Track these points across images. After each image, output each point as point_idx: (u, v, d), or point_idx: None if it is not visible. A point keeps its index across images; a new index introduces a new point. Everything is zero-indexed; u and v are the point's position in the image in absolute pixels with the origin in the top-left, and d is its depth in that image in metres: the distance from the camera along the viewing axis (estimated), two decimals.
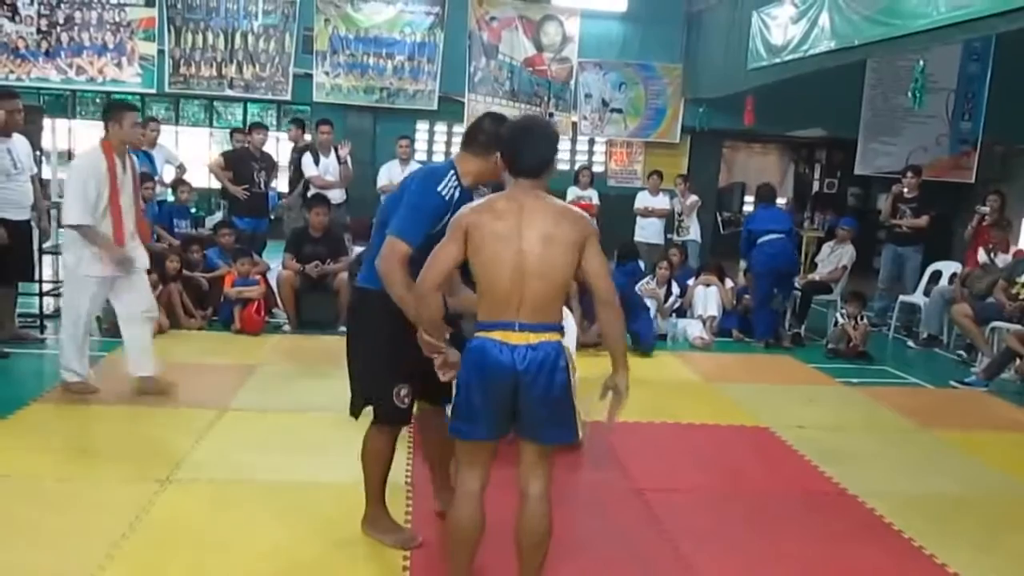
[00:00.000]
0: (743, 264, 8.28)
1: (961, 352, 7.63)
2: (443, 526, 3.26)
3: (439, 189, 3.06)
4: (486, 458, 2.83)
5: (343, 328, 4.65)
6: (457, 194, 3.09)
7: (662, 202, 10.07)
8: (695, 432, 5.16)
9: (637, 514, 3.89)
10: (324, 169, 8.08)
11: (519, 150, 2.76)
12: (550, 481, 2.83)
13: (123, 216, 4.87)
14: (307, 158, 8.11)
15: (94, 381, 5.10)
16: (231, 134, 8.74)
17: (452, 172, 3.13)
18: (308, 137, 8.93)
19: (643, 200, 10.07)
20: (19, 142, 5.87)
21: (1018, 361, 6.50)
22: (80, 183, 4.75)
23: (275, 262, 7.96)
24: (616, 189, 12.32)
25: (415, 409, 3.37)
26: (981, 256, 8.06)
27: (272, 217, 8.84)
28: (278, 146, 12.07)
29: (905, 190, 8.68)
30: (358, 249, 7.65)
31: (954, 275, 8.26)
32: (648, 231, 9.89)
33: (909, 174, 8.78)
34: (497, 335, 2.67)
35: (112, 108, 5.01)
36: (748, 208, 14.51)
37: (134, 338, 5.09)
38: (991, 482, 4.59)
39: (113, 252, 4.83)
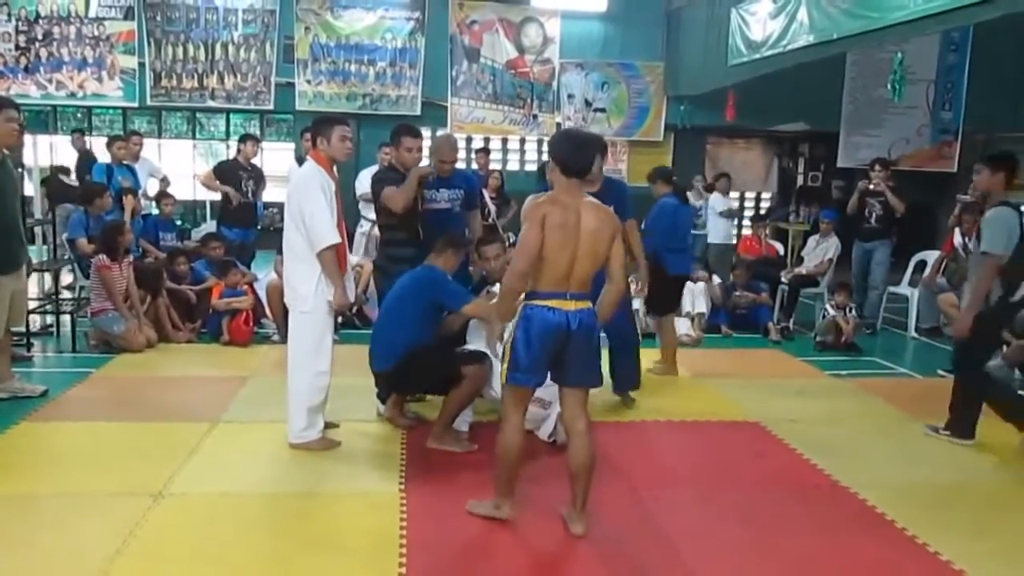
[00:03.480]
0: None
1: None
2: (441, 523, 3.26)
3: None
4: (527, 400, 3.62)
5: (334, 337, 4.66)
6: None
7: None
8: (686, 429, 5.17)
9: (631, 512, 3.90)
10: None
11: (570, 155, 3.51)
12: (588, 418, 3.61)
13: (344, 241, 4.48)
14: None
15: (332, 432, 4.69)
16: (242, 139, 8.65)
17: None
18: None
19: None
20: None
21: (1005, 348, 6.54)
22: (320, 196, 4.27)
23: (263, 272, 7.95)
24: None
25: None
26: (957, 239, 8.11)
27: (260, 227, 8.82)
28: (263, 156, 12.03)
29: (871, 185, 8.26)
30: (352, 259, 7.62)
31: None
32: None
33: (877, 167, 8.35)
34: (553, 303, 3.40)
35: (317, 122, 4.56)
36: (734, 204, 14.52)
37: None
38: (982, 469, 4.63)
39: (340, 285, 4.37)
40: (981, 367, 5.00)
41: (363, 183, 8.11)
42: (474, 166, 10.77)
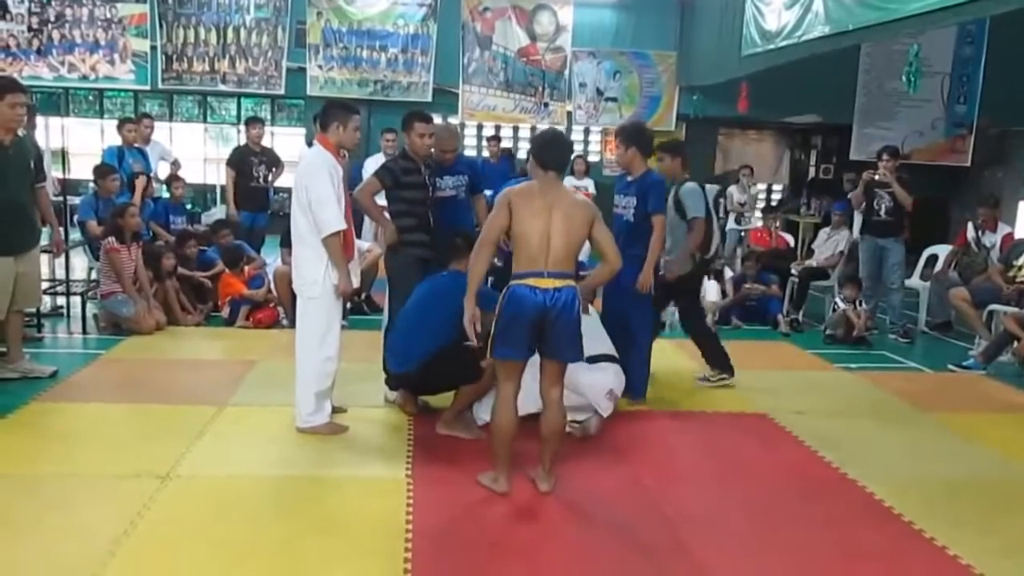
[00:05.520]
0: None
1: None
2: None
3: None
4: (518, 374, 3.80)
5: (342, 323, 4.67)
6: None
7: (588, 187, 9.95)
8: (694, 420, 5.16)
9: (638, 501, 3.90)
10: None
11: (547, 151, 3.84)
12: (562, 389, 3.87)
13: (351, 228, 4.48)
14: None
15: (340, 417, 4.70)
16: (247, 123, 8.63)
17: None
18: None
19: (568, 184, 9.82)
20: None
21: (1016, 344, 6.51)
22: (328, 182, 4.27)
23: (271, 259, 7.96)
24: (612, 178, 12.25)
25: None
26: (970, 233, 8.04)
27: (270, 212, 8.81)
28: (273, 141, 12.05)
29: (877, 175, 7.69)
30: (363, 244, 7.62)
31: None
32: None
33: (885, 157, 7.66)
34: (531, 281, 3.65)
35: (332, 108, 4.53)
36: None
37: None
38: (990, 465, 4.60)
39: (344, 272, 4.39)
40: (698, 314, 6.01)
41: (369, 170, 8.08)
42: (485, 154, 10.75)
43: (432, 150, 5.07)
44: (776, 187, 14.41)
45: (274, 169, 8.50)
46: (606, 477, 4.18)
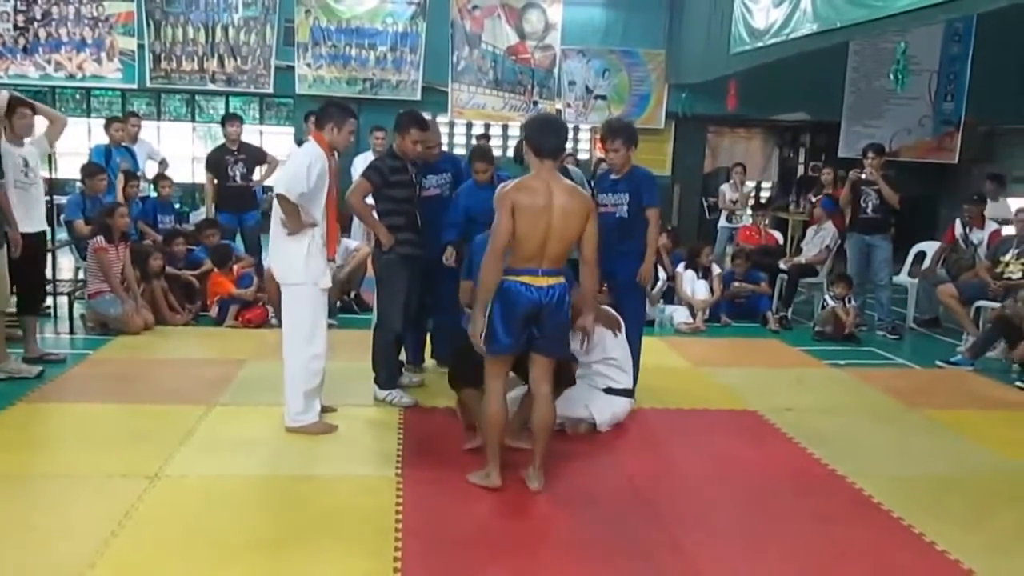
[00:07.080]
0: None
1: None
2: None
3: None
4: (507, 369, 3.87)
5: (331, 322, 4.65)
6: None
7: None
8: (684, 417, 5.17)
9: (629, 500, 3.90)
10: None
11: (544, 139, 3.75)
12: (552, 384, 3.87)
13: (336, 225, 4.52)
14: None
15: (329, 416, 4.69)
16: (222, 122, 8.48)
17: None
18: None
19: None
20: (33, 148, 5.66)
21: (1002, 343, 6.54)
22: (306, 161, 4.28)
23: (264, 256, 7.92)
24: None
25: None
26: (957, 230, 8.08)
27: (261, 211, 8.72)
28: (262, 139, 12.01)
29: (864, 174, 7.66)
30: (351, 243, 7.61)
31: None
32: None
33: (870, 154, 7.63)
34: (525, 279, 3.67)
35: (330, 108, 4.52)
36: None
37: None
38: (978, 460, 4.62)
39: (297, 222, 4.32)
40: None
41: (358, 168, 8.06)
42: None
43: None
44: (765, 185, 14.45)
45: (258, 167, 8.33)
46: (596, 474, 4.18)
